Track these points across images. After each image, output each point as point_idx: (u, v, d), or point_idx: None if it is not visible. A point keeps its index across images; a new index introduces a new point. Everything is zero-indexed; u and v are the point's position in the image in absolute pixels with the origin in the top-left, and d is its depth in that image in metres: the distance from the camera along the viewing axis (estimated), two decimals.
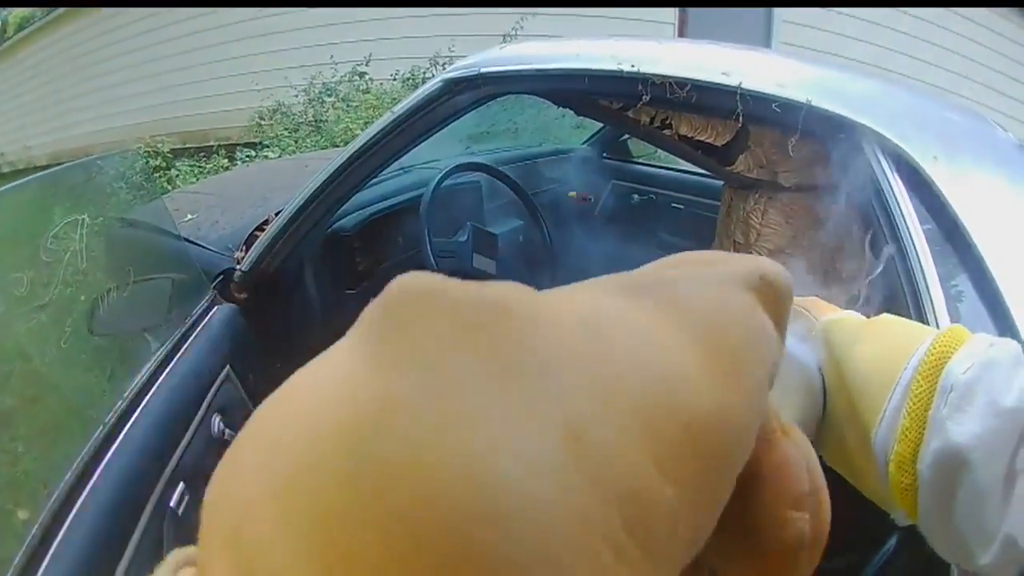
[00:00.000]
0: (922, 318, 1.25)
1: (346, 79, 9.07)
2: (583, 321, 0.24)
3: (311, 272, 2.72)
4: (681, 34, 9.90)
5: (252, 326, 2.44)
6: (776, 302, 0.30)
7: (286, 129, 8.73)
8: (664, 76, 1.67)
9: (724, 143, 1.82)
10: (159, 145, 9.52)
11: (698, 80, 1.64)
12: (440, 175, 3.04)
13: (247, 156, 8.31)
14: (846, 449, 0.82)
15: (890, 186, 1.41)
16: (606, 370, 0.23)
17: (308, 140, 8.43)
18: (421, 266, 2.72)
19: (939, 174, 1.38)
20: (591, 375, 0.22)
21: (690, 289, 0.28)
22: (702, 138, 1.81)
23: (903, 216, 1.37)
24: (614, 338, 0.24)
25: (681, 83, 1.65)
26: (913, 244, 1.33)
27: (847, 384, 0.81)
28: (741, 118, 1.62)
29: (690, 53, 1.76)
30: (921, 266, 1.30)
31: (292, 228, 2.35)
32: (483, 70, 1.91)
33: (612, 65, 1.72)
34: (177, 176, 8.60)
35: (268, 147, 8.33)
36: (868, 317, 0.88)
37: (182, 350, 2.09)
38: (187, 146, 10.25)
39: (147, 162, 8.95)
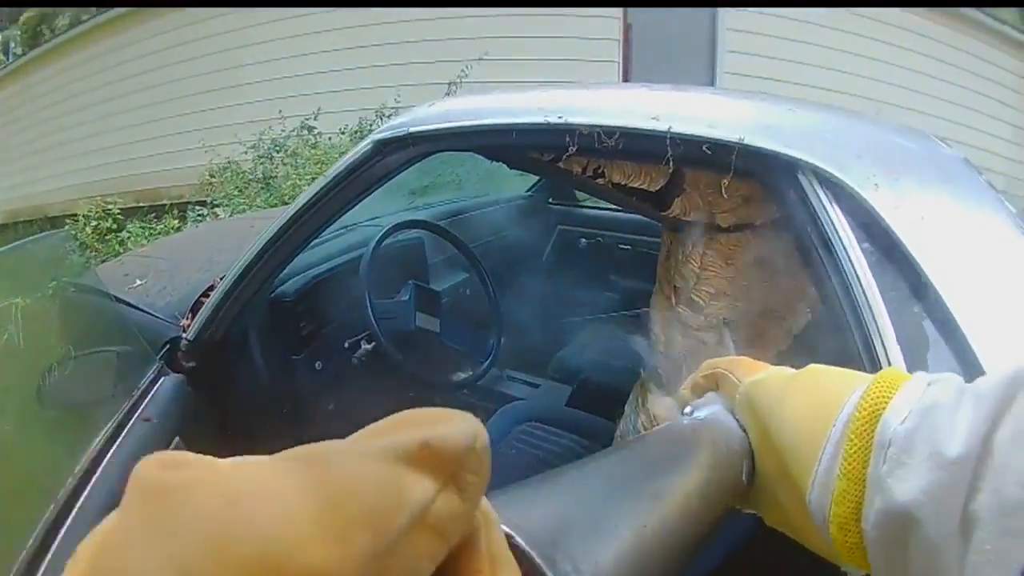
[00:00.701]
0: (871, 354, 1.23)
1: (295, 134, 9.01)
2: (224, 492, 0.29)
3: (256, 338, 2.67)
4: (625, 71, 9.97)
5: (200, 395, 2.43)
6: (442, 465, 0.33)
7: (236, 187, 8.68)
8: (592, 126, 1.62)
9: (658, 188, 1.78)
10: (110, 206, 9.37)
11: (627, 127, 1.60)
12: (378, 236, 2.99)
13: (198, 216, 8.25)
14: (783, 510, 0.79)
15: (829, 218, 1.37)
16: (226, 531, 0.27)
17: (258, 197, 8.37)
18: (364, 328, 2.74)
19: (880, 201, 1.34)
20: (211, 536, 0.27)
21: (341, 461, 0.31)
22: (636, 185, 1.77)
23: (844, 248, 1.33)
24: (243, 505, 0.28)
25: (609, 132, 1.60)
26: (857, 276, 1.30)
27: (775, 445, 0.78)
28: (672, 163, 1.57)
29: (619, 99, 1.72)
30: (867, 298, 1.27)
31: (234, 294, 2.32)
32: (412, 130, 1.87)
33: (539, 117, 1.68)
34: (128, 238, 8.49)
35: (218, 206, 8.29)
36: (807, 364, 0.85)
37: (129, 425, 2.11)
38: (140, 204, 10.29)
39: (98, 224, 9.03)
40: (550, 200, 4.65)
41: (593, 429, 2.76)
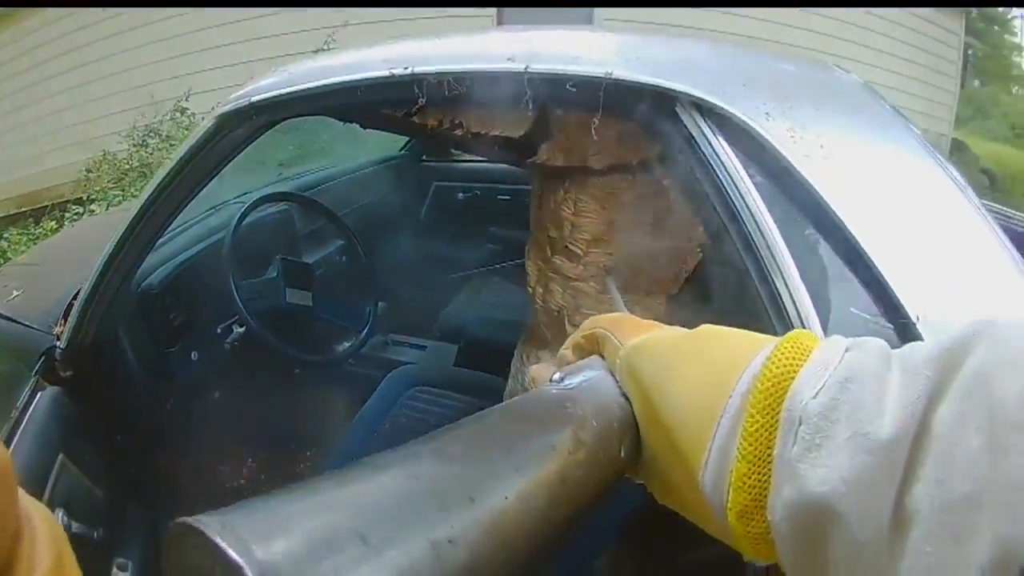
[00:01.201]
0: (775, 299, 1.11)
1: (168, 118, 8.61)
2: None
3: (127, 337, 2.49)
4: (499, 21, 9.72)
5: (82, 405, 2.24)
6: None
7: (111, 180, 8.27)
8: (440, 73, 1.45)
9: (523, 134, 1.62)
10: None
11: (479, 71, 1.43)
12: (238, 215, 2.83)
13: (75, 214, 7.80)
14: (675, 490, 0.69)
15: (714, 153, 1.23)
16: None
17: (135, 187, 7.97)
18: (235, 312, 2.63)
19: (773, 131, 1.20)
20: None
21: None
22: (497, 132, 1.61)
23: (735, 184, 1.19)
24: None
25: (460, 78, 1.43)
26: (751, 214, 1.16)
27: (661, 418, 0.67)
28: (532, 105, 1.41)
29: (471, 44, 1.57)
30: (763, 237, 1.14)
31: (98, 294, 2.11)
32: (254, 99, 1.70)
33: (384, 71, 1.51)
34: (8, 248, 8.05)
35: (94, 201, 7.87)
36: (704, 310, 0.84)
37: (9, 452, 1.79)
38: (23, 210, 9.78)
39: None
40: (423, 158, 4.50)
41: (483, 387, 2.66)
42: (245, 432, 3.08)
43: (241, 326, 2.79)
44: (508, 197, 3.99)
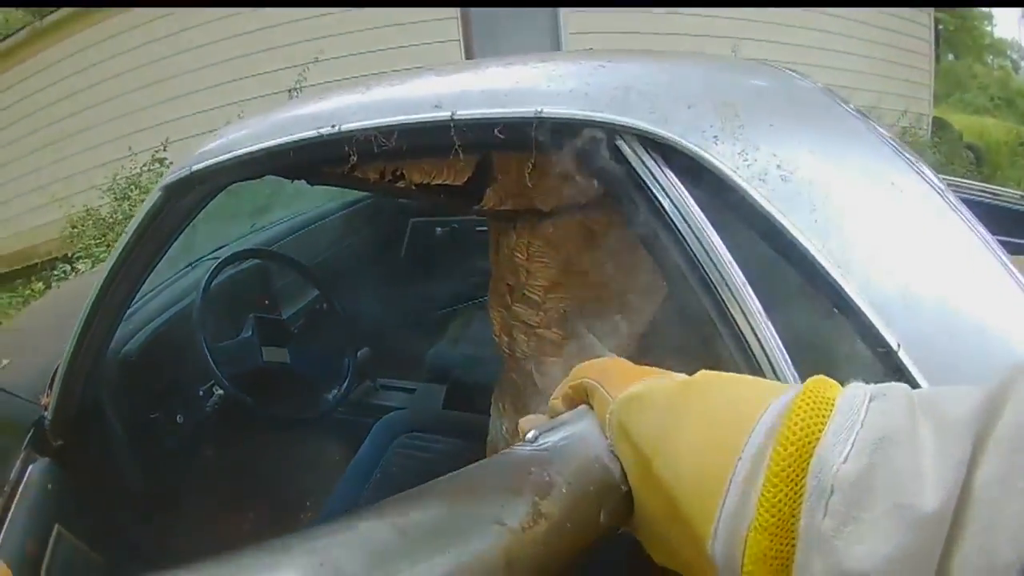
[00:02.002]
0: (739, 340, 1.04)
1: (147, 168, 8.52)
2: None
3: (110, 406, 2.39)
4: (467, 48, 9.67)
5: (74, 473, 2.18)
6: None
7: (93, 238, 8.15)
8: (366, 129, 1.36)
9: (466, 180, 1.55)
10: None
11: (405, 123, 1.34)
12: (206, 277, 2.74)
13: (62, 273, 7.68)
14: (675, 551, 0.64)
15: (659, 185, 1.14)
16: None
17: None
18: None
19: (724, 155, 1.11)
20: None
21: None
22: (440, 181, 1.53)
23: (683, 217, 1.11)
24: None
25: (386, 132, 1.34)
26: (704, 249, 1.08)
27: (660, 481, 0.62)
28: (462, 152, 1.32)
29: (399, 92, 1.45)
30: (721, 274, 1.06)
31: (76, 364, 2.04)
32: (195, 168, 1.62)
33: (312, 130, 1.43)
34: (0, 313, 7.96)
35: (80, 259, 7.74)
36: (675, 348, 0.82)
37: (4, 527, 1.92)
38: (13, 268, 9.77)
39: None
40: (377, 194, 4.34)
41: (472, 429, 2.48)
42: (242, 488, 3.01)
43: (220, 389, 2.71)
44: (486, 228, 3.85)
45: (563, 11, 9.70)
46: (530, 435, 0.75)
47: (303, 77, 8.70)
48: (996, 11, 21.35)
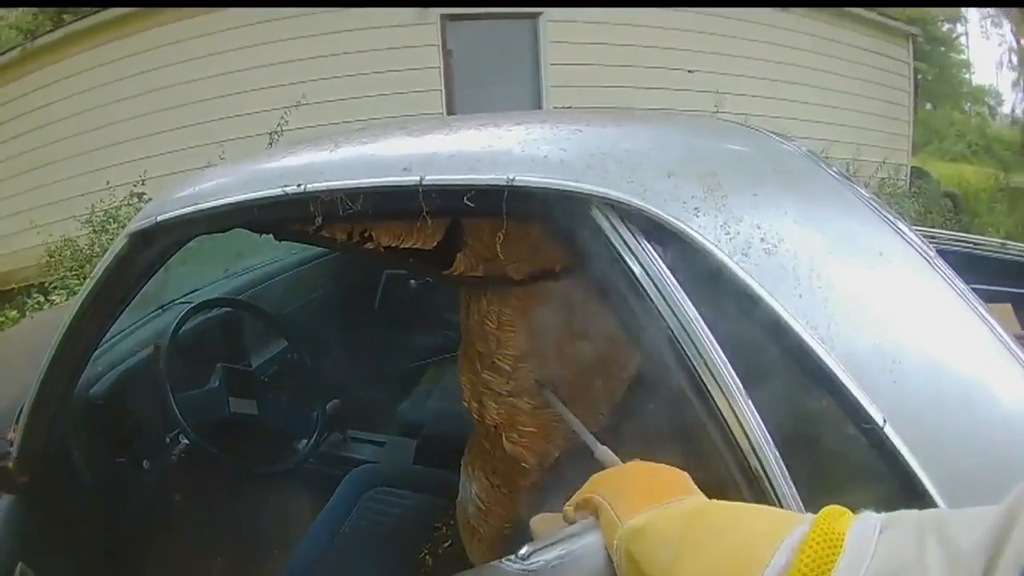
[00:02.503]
0: (718, 422, 1.00)
1: (124, 202, 8.47)
2: None
3: (76, 447, 2.33)
4: (448, 98, 9.74)
5: (39, 511, 2.14)
6: None
7: (70, 269, 8.08)
8: (332, 190, 1.31)
9: (436, 245, 1.48)
10: None
11: (372, 186, 1.29)
12: (174, 325, 2.69)
13: (36, 303, 7.62)
14: None
15: (636, 257, 1.10)
16: None
17: None
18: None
19: (705, 228, 1.08)
20: None
21: None
22: (408, 245, 1.47)
23: (660, 291, 1.07)
24: None
25: (352, 194, 1.30)
26: (682, 326, 1.04)
27: None
28: (429, 218, 1.29)
29: (363, 152, 1.42)
30: (700, 353, 1.02)
31: (42, 404, 1.98)
32: (160, 218, 1.56)
33: (278, 188, 1.38)
34: None
35: (55, 290, 7.66)
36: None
37: None
38: None
39: None
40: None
41: (443, 485, 2.45)
42: (209, 534, 2.94)
43: (187, 438, 2.64)
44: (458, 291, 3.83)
45: (545, 66, 9.78)
46: (523, 551, 0.73)
47: (285, 120, 8.69)
48: (975, 60, 21.62)
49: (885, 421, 0.92)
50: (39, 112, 9.94)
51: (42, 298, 7.61)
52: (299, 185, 1.34)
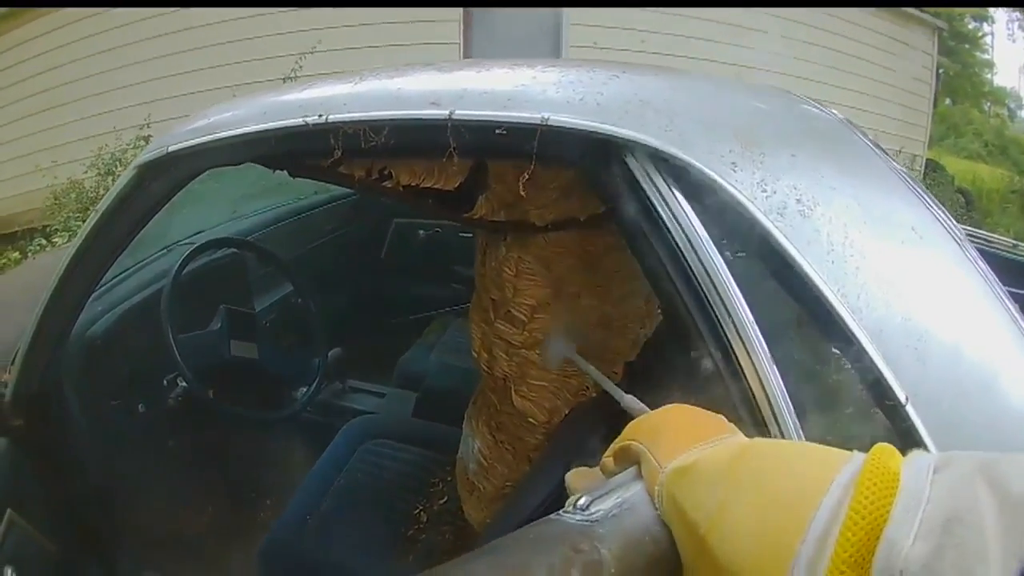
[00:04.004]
0: (742, 386, 0.98)
1: (131, 146, 8.40)
2: None
3: (71, 388, 2.29)
4: (466, 51, 9.60)
5: (32, 455, 2.12)
6: None
7: (74, 212, 8.03)
8: (356, 122, 1.27)
9: (457, 186, 1.45)
10: None
11: (398, 119, 1.25)
12: (177, 264, 2.64)
13: (39, 245, 7.60)
14: None
15: (670, 211, 1.07)
16: None
17: None
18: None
19: (741, 183, 1.05)
20: None
21: None
22: (429, 184, 1.44)
23: (693, 248, 1.04)
24: None
25: (377, 127, 1.25)
26: (712, 283, 1.02)
27: (716, 559, 0.59)
28: (457, 155, 1.23)
29: (393, 86, 1.36)
30: (728, 312, 1.00)
31: (38, 343, 1.95)
32: (171, 149, 1.53)
33: (298, 119, 1.34)
34: None
35: (57, 232, 7.63)
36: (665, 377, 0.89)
37: None
38: None
39: None
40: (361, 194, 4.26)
41: (441, 440, 2.47)
42: (202, 481, 2.93)
43: (184, 381, 2.61)
44: (471, 235, 3.76)
45: (567, 26, 9.65)
46: (582, 501, 0.69)
47: (299, 65, 8.60)
48: (999, 60, 21.59)
49: (908, 399, 0.90)
50: (45, 56, 9.92)
51: (44, 240, 7.59)
52: (320, 116, 1.30)
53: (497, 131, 1.17)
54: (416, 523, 2.21)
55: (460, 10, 9.57)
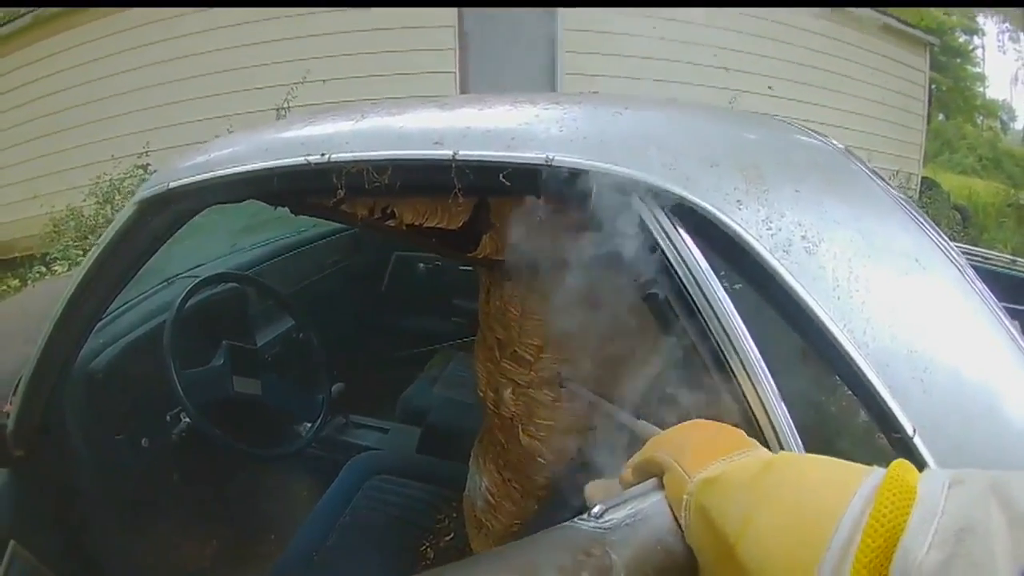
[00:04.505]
0: (746, 413, 0.98)
1: (128, 174, 8.45)
2: None
3: (74, 420, 2.29)
4: (462, 81, 9.63)
5: (34, 486, 2.13)
6: None
7: (73, 240, 8.03)
8: (358, 161, 1.27)
9: (462, 225, 1.44)
10: None
11: (401, 158, 1.25)
12: (179, 300, 2.61)
13: (38, 272, 7.60)
14: None
15: (676, 251, 1.06)
16: None
17: None
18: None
19: (748, 222, 1.05)
20: None
21: None
22: (433, 224, 1.43)
23: (699, 286, 1.03)
24: None
25: (380, 167, 1.25)
26: (719, 322, 1.01)
27: (743, 566, 0.62)
28: (462, 195, 1.23)
29: (395, 124, 1.34)
30: (735, 350, 0.99)
31: (40, 375, 1.94)
32: (172, 185, 1.52)
33: (300, 157, 1.33)
34: None
35: (57, 261, 7.58)
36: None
37: None
38: None
39: None
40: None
41: (446, 476, 2.48)
42: (206, 514, 2.92)
43: (187, 417, 2.58)
44: (471, 268, 3.77)
45: (561, 55, 9.69)
46: (596, 510, 0.72)
47: (292, 95, 8.66)
48: (990, 73, 21.67)
49: (915, 431, 0.90)
50: (44, 81, 9.94)
51: (44, 268, 7.56)
52: (323, 155, 1.30)
53: (502, 172, 1.17)
54: (423, 559, 2.20)
55: (455, 40, 9.59)
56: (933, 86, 13.34)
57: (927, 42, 11.53)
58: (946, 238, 1.11)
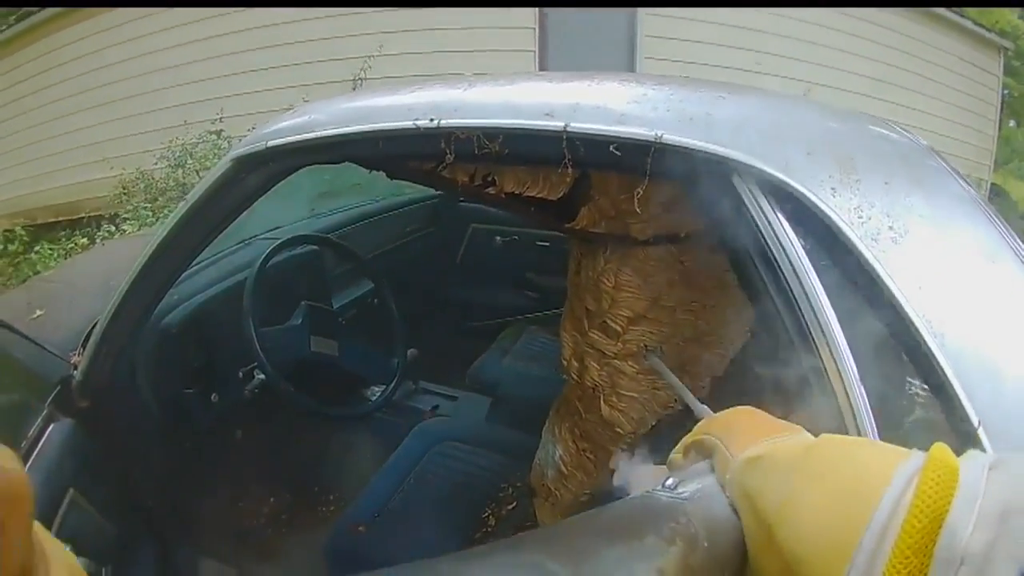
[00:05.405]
0: (828, 394, 1.02)
1: (201, 139, 8.50)
2: None
3: (144, 375, 2.34)
4: (541, 60, 9.54)
5: (96, 437, 2.10)
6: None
7: (144, 200, 8.12)
8: (469, 128, 1.30)
9: (561, 196, 1.48)
10: (16, 227, 9.05)
11: (513, 127, 1.28)
12: (261, 258, 2.68)
13: (107, 232, 7.71)
14: None
15: (773, 231, 1.11)
16: None
17: (169, 208, 7.65)
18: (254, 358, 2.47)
19: (841, 209, 1.08)
20: None
21: None
22: (533, 193, 1.46)
23: (793, 268, 1.08)
24: None
25: (491, 134, 1.28)
26: (809, 303, 1.05)
27: (782, 548, 0.61)
28: (571, 167, 1.26)
29: (504, 95, 1.39)
30: (823, 331, 1.03)
31: (115, 329, 1.96)
32: (270, 144, 1.55)
33: (409, 121, 1.36)
34: (38, 260, 8.02)
35: (127, 220, 7.72)
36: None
37: None
38: (59, 219, 9.80)
39: (4, 248, 8.68)
40: (462, 199, 4.19)
41: (515, 446, 2.48)
42: (267, 473, 2.96)
43: (262, 373, 2.63)
44: (548, 243, 3.81)
45: (641, 36, 9.62)
46: (670, 482, 0.73)
47: (369, 65, 8.61)
48: None
49: (980, 423, 0.92)
50: (118, 48, 10.01)
51: (113, 228, 7.67)
52: (432, 120, 1.33)
53: (612, 146, 1.20)
54: (484, 527, 2.23)
55: (535, 17, 9.48)
56: (1005, 91, 13.10)
57: (1001, 46, 11.32)
58: (1019, 240, 1.14)
